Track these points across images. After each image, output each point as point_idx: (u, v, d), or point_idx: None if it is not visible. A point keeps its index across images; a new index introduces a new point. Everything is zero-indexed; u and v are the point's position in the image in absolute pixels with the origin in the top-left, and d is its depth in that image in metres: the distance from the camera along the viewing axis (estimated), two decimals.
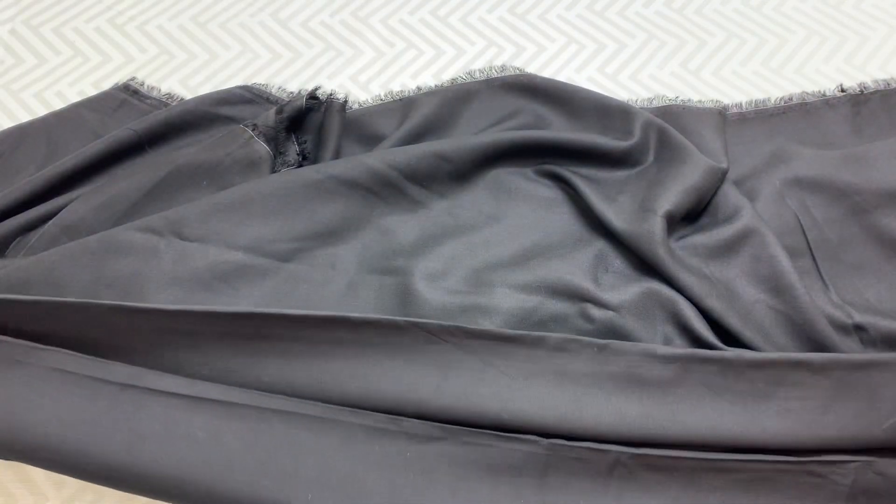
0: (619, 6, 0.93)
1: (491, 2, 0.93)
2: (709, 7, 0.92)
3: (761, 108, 0.79)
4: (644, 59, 0.87)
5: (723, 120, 0.74)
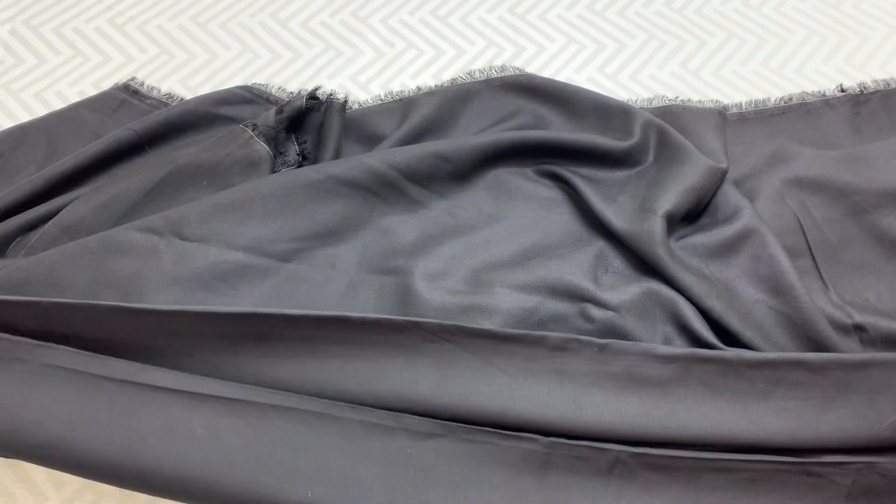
0: (619, 6, 0.93)
1: (491, 2, 0.93)
2: (709, 7, 0.92)
3: (761, 108, 0.79)
4: (644, 59, 0.87)
5: (723, 120, 0.74)
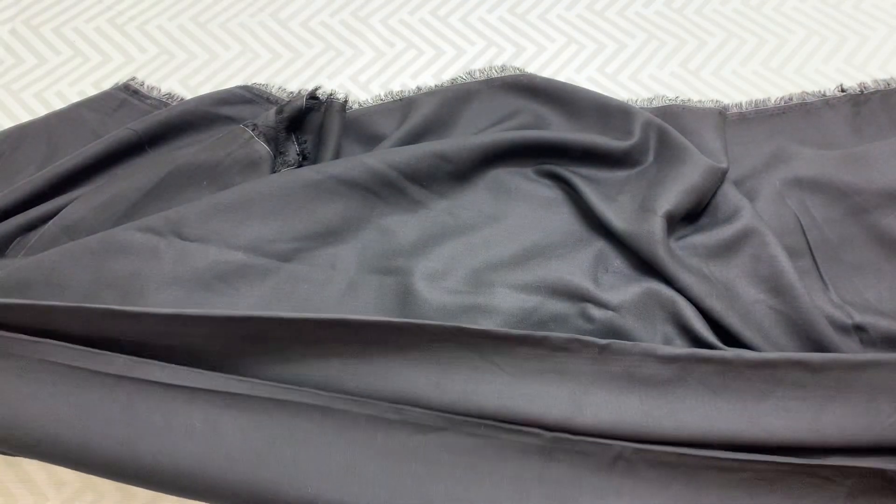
0: (619, 6, 0.93)
1: (491, 2, 0.93)
2: (709, 7, 0.92)
3: (761, 108, 0.79)
4: (644, 59, 0.87)
5: (723, 120, 0.74)
